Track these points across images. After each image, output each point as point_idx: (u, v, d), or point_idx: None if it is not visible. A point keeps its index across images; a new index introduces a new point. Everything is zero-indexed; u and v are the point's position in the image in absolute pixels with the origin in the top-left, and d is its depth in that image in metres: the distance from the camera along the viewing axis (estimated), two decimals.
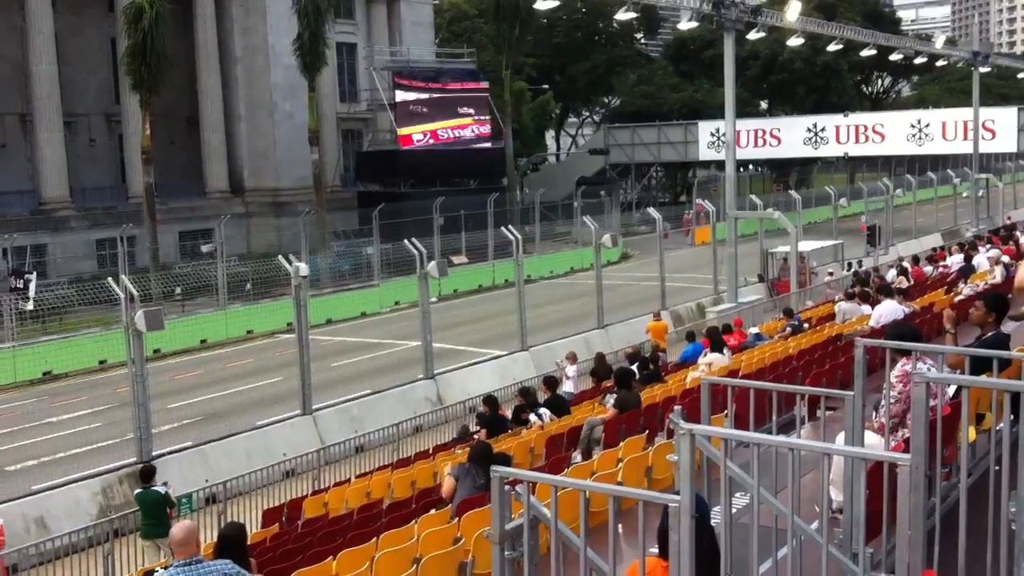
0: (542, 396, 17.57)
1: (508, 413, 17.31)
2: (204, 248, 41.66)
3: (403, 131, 56.59)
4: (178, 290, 37.95)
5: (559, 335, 28.39)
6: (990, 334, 8.09)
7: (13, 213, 45.44)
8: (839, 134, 66.41)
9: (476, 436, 15.88)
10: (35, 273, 37.03)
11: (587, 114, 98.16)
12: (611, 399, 14.87)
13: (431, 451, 17.14)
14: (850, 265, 36.74)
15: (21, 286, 35.12)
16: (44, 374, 30.62)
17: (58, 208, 47.83)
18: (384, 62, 59.00)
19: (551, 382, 18.19)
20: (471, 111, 59.32)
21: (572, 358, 21.32)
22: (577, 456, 13.39)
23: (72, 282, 39.25)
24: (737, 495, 6.45)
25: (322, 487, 16.82)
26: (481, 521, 9.62)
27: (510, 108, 63.88)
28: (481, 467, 11.11)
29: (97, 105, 53.06)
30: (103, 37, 52.49)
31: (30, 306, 33.55)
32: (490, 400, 17.43)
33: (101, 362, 30.60)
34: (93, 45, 52.40)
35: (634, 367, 17.81)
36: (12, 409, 27.19)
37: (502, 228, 30.56)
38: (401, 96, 56.86)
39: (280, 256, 23.89)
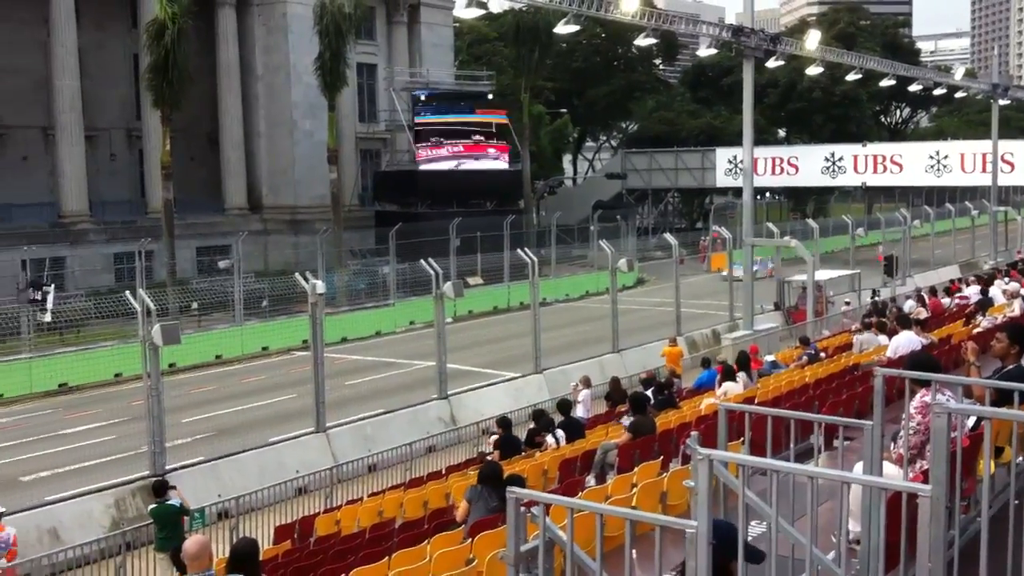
0: (556, 419, 17.54)
1: (522, 435, 17.29)
2: (221, 264, 41.90)
3: (421, 152, 56.90)
4: (195, 305, 38.13)
5: (573, 358, 28.29)
6: (1011, 367, 8.05)
7: (33, 225, 45.69)
8: (857, 164, 66.43)
9: (489, 457, 15.84)
10: (53, 285, 37.27)
11: (604, 139, 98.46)
12: (627, 420, 14.85)
13: (444, 472, 17.11)
14: (874, 293, 36.62)
15: (39, 298, 35.40)
16: (60, 386, 30.72)
17: (77, 221, 48.13)
18: (404, 83, 59.40)
19: (564, 405, 18.17)
20: (489, 133, 59.57)
21: (586, 382, 21.27)
22: (591, 480, 13.34)
23: (90, 295, 39.44)
24: (752, 523, 6.43)
25: (334, 505, 16.78)
26: (494, 542, 9.60)
27: (528, 131, 64.20)
28: (492, 488, 11.11)
29: (118, 120, 53.48)
30: (126, 53, 52.95)
31: (48, 318, 33.74)
32: (504, 422, 17.42)
33: (117, 375, 30.71)
34: (116, 60, 52.85)
35: (649, 392, 17.78)
36: (27, 420, 27.40)
37: (518, 250, 30.60)
38: (420, 117, 57.21)
39: (297, 274, 23.93)
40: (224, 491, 18.20)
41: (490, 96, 59.41)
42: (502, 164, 60.24)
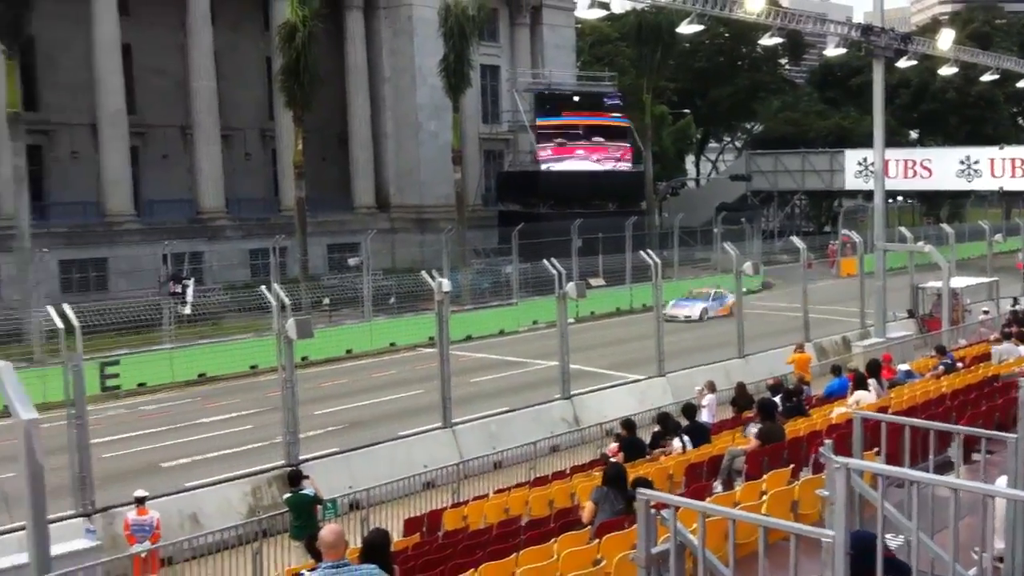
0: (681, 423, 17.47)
1: (644, 438, 17.28)
2: (351, 261, 42.91)
3: (543, 152, 57.25)
4: (326, 301, 39.16)
5: (697, 362, 28.01)
6: None
7: (173, 221, 47.59)
8: (994, 167, 63.82)
9: (613, 459, 15.89)
10: (193, 279, 38.83)
11: (728, 139, 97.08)
12: (753, 429, 14.73)
13: (568, 472, 17.22)
14: (1015, 301, 35.18)
15: (180, 291, 37.01)
16: (199, 376, 31.92)
17: (214, 217, 49.96)
18: (526, 84, 59.94)
19: (690, 410, 18.09)
20: (611, 134, 59.54)
21: (710, 386, 21.10)
22: (718, 486, 13.30)
23: (226, 289, 40.90)
24: (887, 536, 6.37)
25: (461, 500, 17.05)
26: (621, 544, 9.70)
27: (650, 132, 63.88)
28: (616, 490, 11.20)
29: (252, 120, 55.18)
30: (259, 55, 54.53)
31: (188, 310, 35.17)
32: (628, 424, 17.40)
33: (252, 367, 31.76)
34: (249, 62, 54.50)
35: (777, 399, 17.57)
36: (169, 408, 28.60)
37: (640, 252, 30.46)
38: (542, 118, 57.57)
39: (423, 272, 24.32)
40: (355, 483, 18.54)
41: (575, 98, 58.96)
42: (624, 165, 60.11)
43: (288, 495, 16.20)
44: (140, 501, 16.05)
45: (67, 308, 17.82)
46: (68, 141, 48.36)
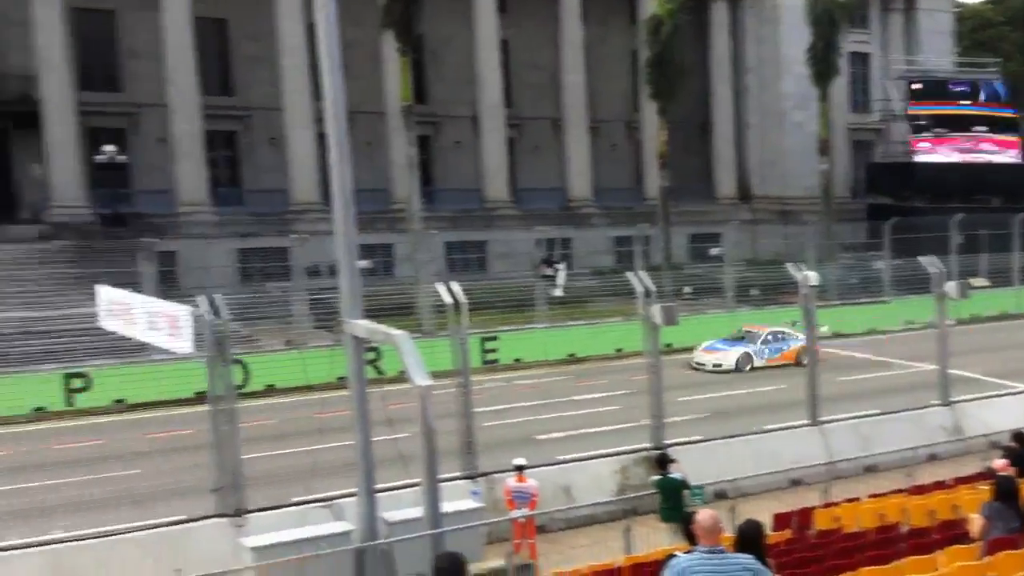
0: None
1: None
2: (713, 251, 43.02)
3: (918, 144, 54.18)
4: (687, 289, 39.56)
5: None
6: None
7: (544, 208, 49.70)
8: None
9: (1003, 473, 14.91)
10: (563, 263, 40.72)
11: None
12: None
13: (952, 482, 16.37)
14: None
15: (551, 274, 39.00)
16: (568, 355, 33.40)
17: (582, 206, 51.74)
18: (899, 71, 57.21)
19: None
20: (996, 125, 55.28)
21: None
22: None
23: (593, 274, 42.44)
24: None
25: (831, 501, 16.68)
26: (1018, 563, 9.26)
27: None
28: (1010, 506, 10.64)
29: (618, 112, 56.19)
30: (625, 48, 55.41)
31: (559, 292, 36.94)
32: (1020, 436, 16.25)
33: (618, 350, 32.60)
34: (616, 56, 55.52)
35: None
36: (542, 384, 30.09)
37: None
38: (917, 108, 54.58)
39: (788, 264, 23.82)
40: (719, 472, 18.56)
41: (954, 86, 54.51)
42: (1011, 158, 55.61)
43: (657, 477, 16.48)
44: (519, 469, 16.74)
45: (455, 286, 18.76)
46: (452, 132, 51.61)
